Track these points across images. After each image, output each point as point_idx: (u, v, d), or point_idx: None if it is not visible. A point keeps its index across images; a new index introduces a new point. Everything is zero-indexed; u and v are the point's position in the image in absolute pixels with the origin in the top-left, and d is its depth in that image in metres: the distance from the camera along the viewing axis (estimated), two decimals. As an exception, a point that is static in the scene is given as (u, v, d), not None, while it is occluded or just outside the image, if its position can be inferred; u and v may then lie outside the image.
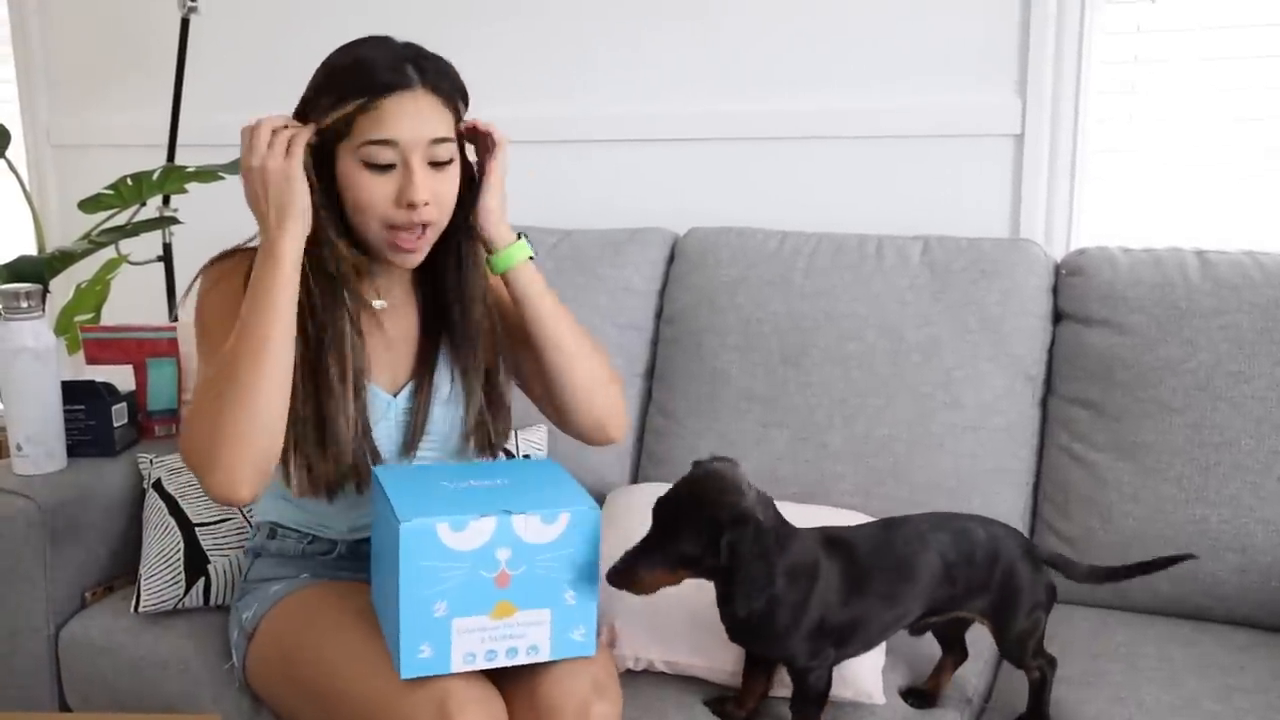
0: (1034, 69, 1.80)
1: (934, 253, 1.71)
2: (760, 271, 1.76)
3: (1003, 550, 1.22)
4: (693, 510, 1.11)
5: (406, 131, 1.15)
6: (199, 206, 2.24)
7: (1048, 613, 1.24)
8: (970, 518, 1.26)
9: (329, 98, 1.16)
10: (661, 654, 1.32)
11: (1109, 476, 1.55)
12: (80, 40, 2.58)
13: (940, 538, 1.21)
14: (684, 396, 1.76)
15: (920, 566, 1.20)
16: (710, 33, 2.01)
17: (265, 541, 1.37)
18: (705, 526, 1.09)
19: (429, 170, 1.17)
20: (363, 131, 1.15)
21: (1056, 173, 1.82)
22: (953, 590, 1.21)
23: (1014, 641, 1.23)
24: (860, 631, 1.19)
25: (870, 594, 1.18)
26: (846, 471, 1.64)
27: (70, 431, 1.67)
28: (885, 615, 1.19)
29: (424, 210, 1.17)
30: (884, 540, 1.21)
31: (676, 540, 1.10)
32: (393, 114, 1.15)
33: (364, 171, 1.16)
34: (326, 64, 1.20)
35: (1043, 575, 1.24)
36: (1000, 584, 1.21)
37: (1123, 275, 1.60)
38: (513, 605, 1.10)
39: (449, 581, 1.07)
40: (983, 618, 1.24)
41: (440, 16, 2.18)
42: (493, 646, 1.10)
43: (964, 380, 1.62)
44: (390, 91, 1.15)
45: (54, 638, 1.56)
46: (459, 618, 1.08)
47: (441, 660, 1.09)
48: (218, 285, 1.23)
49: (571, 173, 2.14)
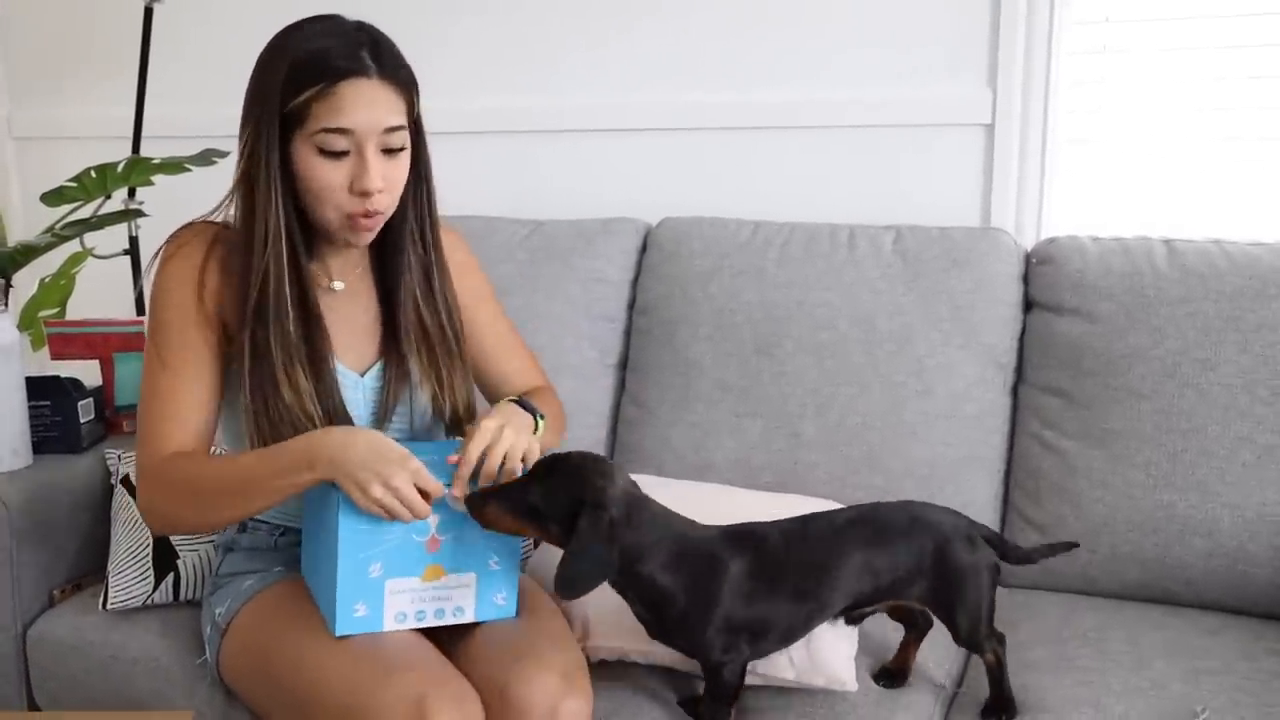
0: (1004, 59, 1.81)
1: (906, 242, 1.72)
2: (733, 261, 1.77)
3: (934, 536, 1.21)
4: (564, 475, 1.15)
5: (362, 120, 1.16)
6: (165, 199, 2.22)
7: (993, 591, 1.24)
8: (899, 506, 1.26)
9: (284, 84, 1.16)
10: (634, 643, 1.32)
11: (1079, 463, 1.57)
12: (42, 31, 2.55)
13: (858, 532, 1.21)
14: (657, 387, 1.77)
15: (834, 561, 1.20)
16: (682, 23, 2.01)
17: (236, 535, 1.37)
18: (563, 491, 1.13)
19: (382, 157, 1.19)
20: (318, 119, 1.16)
21: (1027, 162, 1.84)
22: (876, 582, 1.21)
23: (964, 624, 1.22)
24: (774, 627, 1.19)
25: (782, 590, 1.18)
26: (820, 460, 1.65)
27: (35, 428, 1.66)
28: (800, 610, 1.20)
29: (377, 198, 1.19)
30: (797, 535, 1.22)
31: (532, 492, 1.14)
32: (349, 101, 1.15)
33: (319, 158, 1.17)
34: (279, 47, 1.19)
35: (983, 555, 1.23)
36: (935, 569, 1.21)
37: (1092, 264, 1.62)
38: (442, 569, 1.19)
39: (384, 544, 1.15)
40: (924, 604, 1.24)
41: (410, 7, 2.17)
42: (422, 607, 1.19)
43: (936, 369, 1.64)
44: (346, 78, 1.15)
45: (21, 636, 1.55)
46: (392, 579, 1.17)
47: (375, 619, 1.17)
48: (174, 267, 1.23)
49: (544, 163, 2.13)
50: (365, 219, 1.21)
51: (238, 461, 1.22)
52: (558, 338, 1.81)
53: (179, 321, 1.22)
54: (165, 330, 1.23)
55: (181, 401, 1.22)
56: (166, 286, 1.23)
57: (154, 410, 1.22)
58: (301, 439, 1.16)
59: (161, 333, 1.23)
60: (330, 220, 1.21)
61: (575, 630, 1.32)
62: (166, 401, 1.22)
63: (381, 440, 1.14)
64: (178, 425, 1.21)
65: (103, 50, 2.46)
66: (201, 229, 1.26)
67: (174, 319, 1.22)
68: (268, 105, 1.17)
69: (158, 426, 1.22)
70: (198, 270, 1.22)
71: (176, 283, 1.23)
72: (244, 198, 1.21)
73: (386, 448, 1.13)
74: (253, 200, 1.20)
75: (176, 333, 1.22)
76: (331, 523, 1.15)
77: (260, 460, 1.18)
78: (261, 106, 1.18)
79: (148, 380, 1.23)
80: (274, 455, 1.17)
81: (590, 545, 1.12)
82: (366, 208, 1.19)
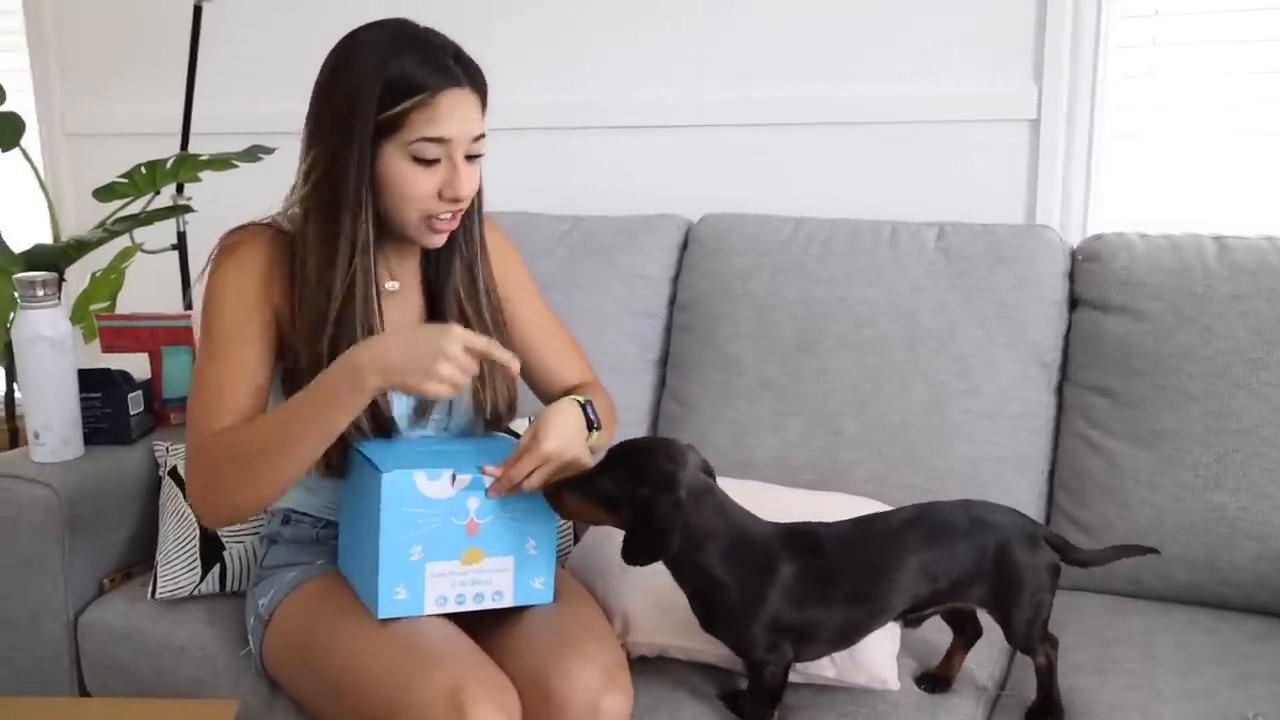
0: (1050, 54, 1.78)
1: (949, 239, 1.70)
2: (774, 258, 1.76)
3: (995, 536, 1.19)
4: (635, 461, 1.16)
5: (458, 129, 1.18)
6: (212, 194, 2.25)
7: (1052, 594, 1.22)
8: (958, 505, 1.23)
9: (379, 95, 1.16)
10: (674, 639, 1.32)
11: (1126, 464, 1.54)
12: (94, 29, 2.59)
13: (915, 534, 1.19)
14: (698, 383, 1.77)
15: (893, 565, 1.18)
16: (725, 18, 2.00)
17: (280, 528, 1.38)
18: (632, 475, 1.14)
19: (466, 163, 1.21)
20: (416, 128, 1.17)
21: (1073, 158, 1.81)
22: (935, 585, 1.19)
23: (1021, 626, 1.21)
24: (823, 631, 1.18)
25: (836, 594, 1.17)
26: (861, 459, 1.64)
27: (87, 419, 1.68)
28: (854, 615, 1.18)
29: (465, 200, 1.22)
30: (854, 538, 1.20)
31: (606, 480, 1.15)
32: (446, 112, 1.17)
33: (411, 165, 1.19)
34: (359, 57, 1.18)
35: (1043, 556, 1.21)
36: (995, 571, 1.19)
37: (1140, 261, 1.59)
38: (481, 552, 1.20)
39: (425, 528, 1.17)
40: (984, 606, 1.22)
41: (452, 2, 2.17)
42: (461, 591, 1.20)
43: (979, 367, 1.62)
44: (444, 89, 1.17)
45: (73, 624, 1.58)
46: (432, 562, 1.18)
47: (415, 602, 1.18)
48: (234, 266, 1.24)
49: (585, 159, 2.13)
50: (445, 221, 1.23)
51: (275, 413, 1.20)
52: (598, 334, 1.81)
53: (236, 317, 1.23)
54: (220, 323, 1.23)
55: (229, 390, 1.22)
56: (224, 284, 1.23)
57: (202, 399, 1.23)
58: (331, 369, 1.15)
59: (217, 326, 1.23)
60: (409, 222, 1.23)
61: (615, 626, 1.32)
62: (214, 391, 1.22)
63: (411, 326, 1.17)
64: (226, 411, 1.21)
65: (152, 49, 2.50)
66: (259, 231, 1.26)
67: (231, 314, 1.23)
68: (360, 115, 1.17)
69: (205, 412, 1.21)
70: (258, 273, 1.23)
71: (235, 280, 1.23)
72: (323, 206, 1.21)
73: (422, 329, 1.15)
74: (336, 210, 1.20)
75: (233, 326, 1.22)
76: (373, 506, 1.16)
77: (299, 403, 1.16)
78: (350, 116, 1.17)
79: (199, 373, 1.24)
80: (312, 393, 1.15)
81: (655, 521, 1.12)
82: (453, 209, 1.22)
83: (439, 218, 1.23)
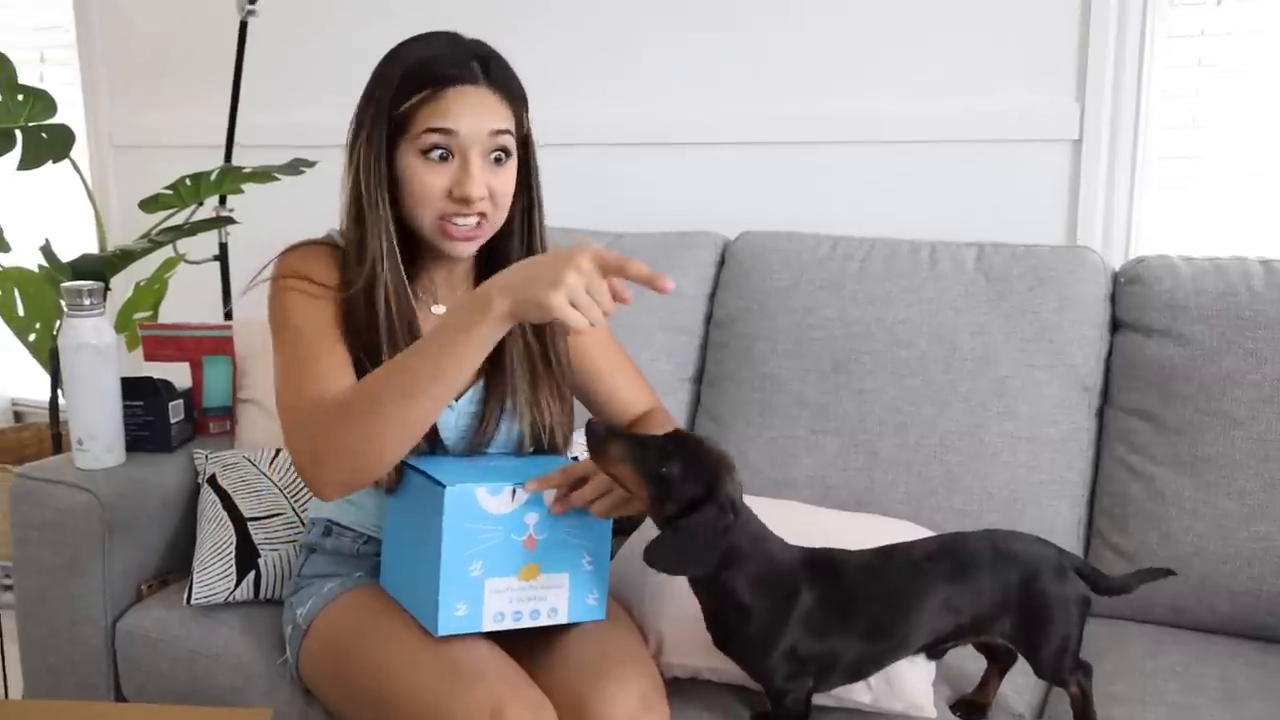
0: (1093, 73, 1.77)
1: (989, 259, 1.68)
2: (812, 277, 1.75)
3: (1020, 569, 1.16)
4: (699, 461, 1.11)
5: (467, 122, 1.16)
6: (254, 207, 2.28)
7: (1081, 626, 1.19)
8: (983, 536, 1.20)
9: (394, 91, 1.17)
10: (708, 661, 1.31)
11: (1168, 491, 1.51)
12: (141, 44, 2.64)
13: (939, 567, 1.16)
14: (733, 402, 1.75)
15: (914, 599, 1.15)
16: (762, 35, 2.00)
17: (320, 538, 1.38)
18: (695, 478, 1.10)
19: (487, 165, 1.18)
20: (423, 120, 1.16)
21: (1116, 179, 1.79)
22: (958, 620, 1.16)
23: (1048, 659, 1.17)
24: (841, 663, 1.15)
25: (855, 625, 1.14)
26: (898, 480, 1.62)
27: (129, 427, 1.70)
28: (873, 648, 1.15)
29: (479, 204, 1.18)
30: (876, 569, 1.17)
31: (667, 465, 1.10)
32: (454, 105, 1.15)
33: (422, 162, 1.17)
34: (392, 59, 1.20)
35: (1072, 588, 1.17)
36: (1021, 605, 1.16)
37: (1184, 284, 1.57)
38: (538, 568, 1.18)
39: (485, 543, 1.15)
40: (1009, 640, 1.19)
41: (488, 16, 2.19)
42: (519, 608, 1.19)
43: (1019, 390, 1.59)
44: (453, 84, 1.16)
45: (110, 629, 1.59)
46: (492, 578, 1.16)
47: (474, 619, 1.16)
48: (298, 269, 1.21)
49: (621, 176, 2.14)
50: (463, 228, 1.19)
51: (393, 361, 1.10)
52: (633, 350, 1.78)
53: (307, 309, 1.19)
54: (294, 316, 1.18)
55: (319, 368, 1.15)
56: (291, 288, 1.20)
57: (290, 385, 1.16)
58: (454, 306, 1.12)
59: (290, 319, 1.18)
60: (425, 224, 1.20)
61: (650, 646, 1.31)
62: (307, 371, 1.15)
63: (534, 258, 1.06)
64: (327, 381, 1.14)
65: (198, 63, 2.53)
66: (320, 247, 1.25)
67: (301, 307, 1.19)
68: (378, 112, 1.17)
69: (303, 385, 1.14)
70: (325, 280, 1.20)
71: (302, 289, 1.20)
72: (353, 212, 1.20)
73: (549, 254, 1.03)
74: (361, 213, 1.19)
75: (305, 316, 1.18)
76: (434, 521, 1.14)
77: (424, 343, 1.07)
78: (371, 114, 1.18)
79: (281, 366, 1.18)
80: (437, 332, 1.06)
81: (702, 536, 1.09)
82: (465, 212, 1.18)
83: (453, 221, 1.18)
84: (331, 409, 1.12)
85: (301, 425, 1.13)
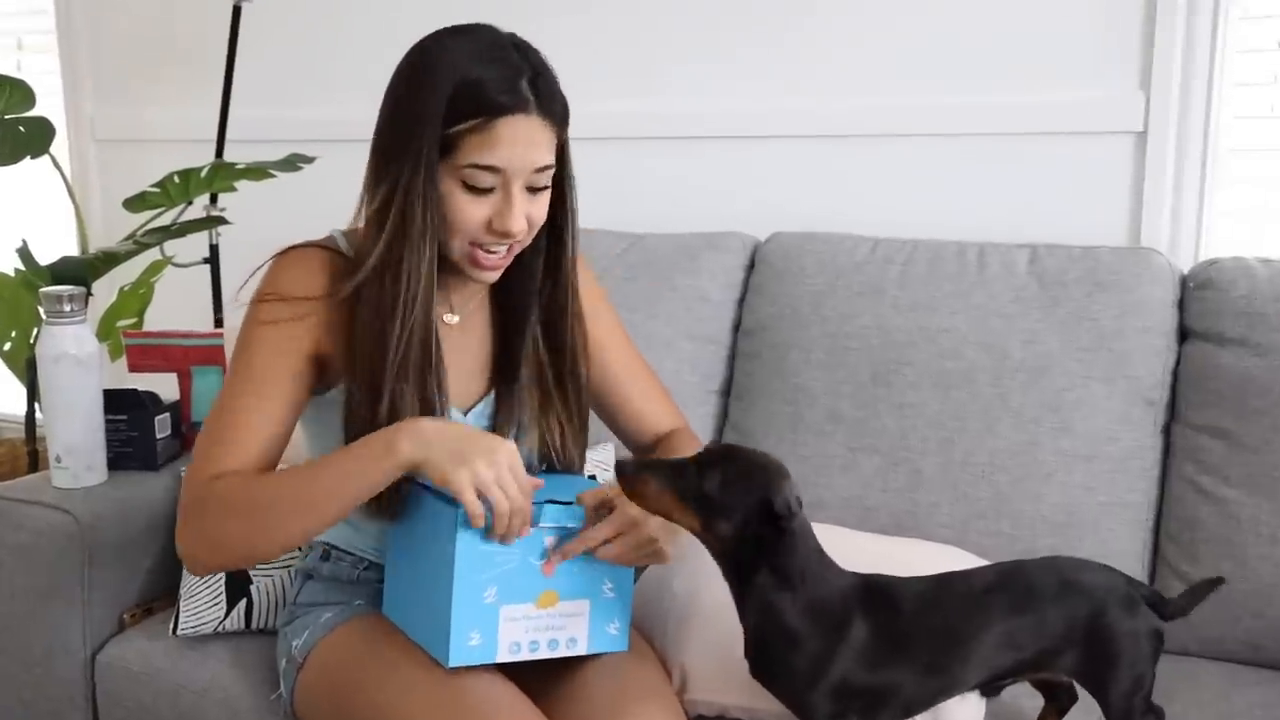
0: (1160, 58, 1.76)
1: (1043, 262, 1.68)
2: (849, 281, 1.75)
3: (1088, 602, 1.16)
4: (746, 471, 1.12)
5: (515, 159, 1.17)
6: (248, 206, 2.30)
7: (1154, 662, 1.18)
8: (1046, 565, 1.20)
9: (442, 107, 1.15)
10: (736, 699, 1.31)
11: (1243, 515, 1.50)
12: (127, 31, 2.66)
13: (1000, 598, 1.16)
14: (763, 416, 1.76)
15: (972, 633, 1.15)
16: (798, 21, 2.00)
17: (318, 563, 1.40)
18: (745, 492, 1.10)
19: (526, 195, 1.20)
20: (469, 153, 1.16)
21: (1184, 174, 1.78)
22: (1019, 655, 1.16)
23: (1119, 701, 1.17)
24: (893, 700, 1.15)
25: (909, 660, 1.14)
26: (942, 502, 1.62)
27: (111, 443, 1.72)
28: (929, 684, 1.15)
29: (516, 236, 1.20)
30: (932, 600, 1.17)
31: (708, 482, 1.10)
32: (504, 139, 1.16)
33: (462, 192, 1.18)
34: (431, 67, 1.18)
35: (1143, 621, 1.17)
36: (1088, 639, 1.15)
37: (1261, 289, 1.56)
38: (556, 595, 1.19)
39: (500, 567, 1.16)
40: (1075, 677, 1.19)
41: (506, 6, 2.21)
42: (535, 637, 1.19)
43: (1075, 404, 1.59)
44: (504, 114, 1.15)
45: (90, 661, 1.60)
46: (507, 605, 1.17)
47: (489, 648, 1.17)
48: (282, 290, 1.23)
49: (644, 172, 2.15)
50: (493, 256, 1.21)
51: (298, 469, 1.20)
52: (656, 360, 1.79)
53: (269, 347, 1.23)
54: (257, 357, 1.23)
55: (244, 427, 1.21)
56: (268, 313, 1.23)
57: (209, 438, 1.23)
58: (381, 431, 1.16)
59: (253, 359, 1.23)
60: (455, 249, 1.22)
61: (674, 681, 1.31)
62: (228, 428, 1.21)
63: (463, 427, 1.15)
64: (234, 451, 1.21)
65: (188, 51, 2.56)
66: (313, 253, 1.26)
67: (270, 350, 1.23)
68: (427, 134, 1.16)
69: (209, 452, 1.21)
70: (308, 301, 1.22)
71: (281, 311, 1.22)
72: (390, 230, 1.19)
73: (481, 431, 1.13)
74: (400, 234, 1.18)
75: (261, 357, 1.23)
76: (444, 544, 1.15)
77: (330, 461, 1.17)
78: (416, 133, 1.16)
79: (216, 405, 1.24)
80: (346, 452, 1.16)
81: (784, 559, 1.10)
82: (502, 244, 1.21)
83: (486, 250, 1.21)
84: (228, 497, 1.19)
85: (197, 503, 1.21)
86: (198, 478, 1.21)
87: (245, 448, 1.21)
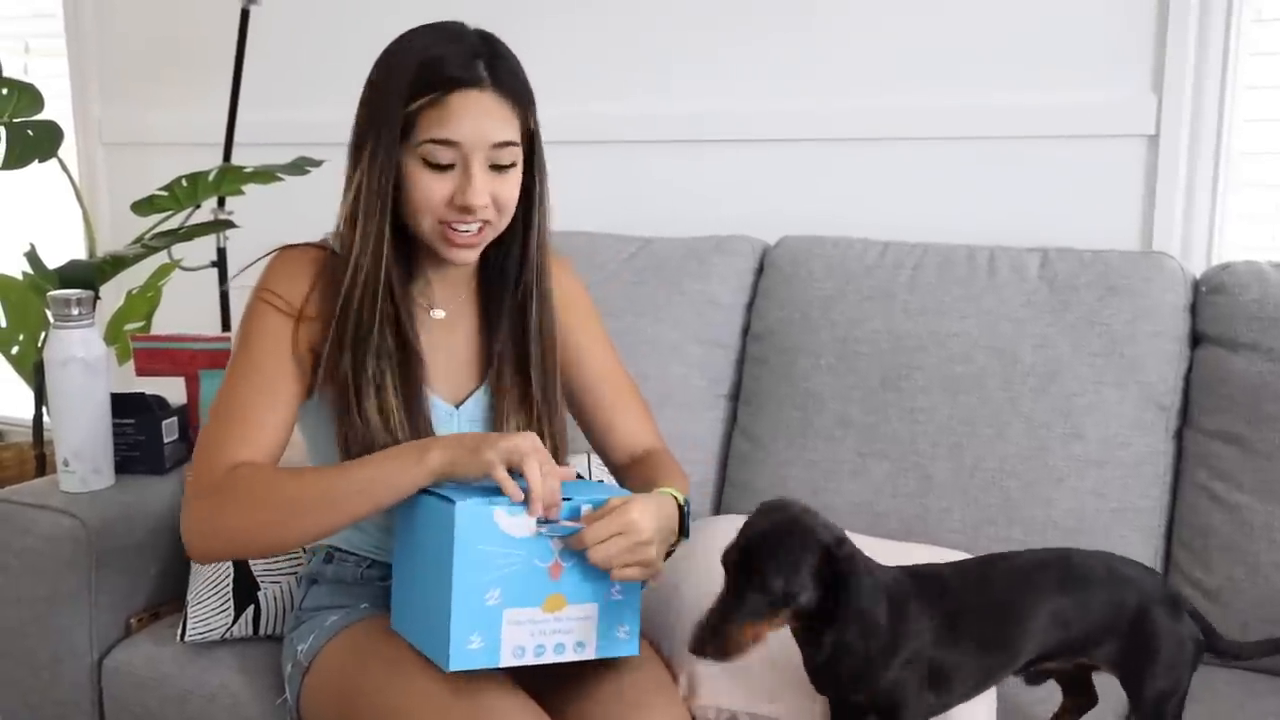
0: (1173, 62, 1.76)
1: (1054, 266, 1.68)
2: (858, 285, 1.75)
3: (1136, 594, 1.19)
4: (782, 542, 1.11)
5: (469, 132, 1.19)
6: (255, 210, 2.31)
7: (1192, 671, 1.20)
8: (1095, 555, 1.24)
9: (400, 92, 1.19)
10: (744, 704, 1.31)
11: (1256, 521, 1.50)
12: (135, 34, 2.68)
13: (1047, 577, 1.19)
14: (772, 421, 1.76)
15: (1022, 609, 1.17)
16: (806, 22, 2.01)
17: (322, 566, 1.40)
18: (801, 557, 1.09)
19: (489, 173, 1.22)
20: (426, 129, 1.19)
21: (1196, 178, 1.78)
22: (1067, 634, 1.18)
23: (1150, 701, 1.18)
24: (957, 678, 1.17)
25: (964, 638, 1.16)
26: (952, 507, 1.62)
27: (119, 447, 1.72)
28: (986, 661, 1.17)
29: (481, 212, 1.22)
30: (980, 578, 1.20)
31: (767, 579, 1.09)
32: (457, 113, 1.19)
33: (423, 170, 1.21)
34: (395, 53, 1.23)
35: (1187, 627, 1.20)
36: (1132, 631, 1.18)
37: (1273, 293, 1.56)
38: (564, 598, 1.17)
39: (504, 569, 1.13)
40: (1111, 667, 1.21)
41: (508, 7, 2.21)
42: (541, 641, 1.17)
43: (1086, 409, 1.59)
44: (457, 88, 1.19)
45: (96, 666, 1.61)
46: (510, 608, 1.14)
47: (491, 653, 1.14)
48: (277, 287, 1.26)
49: (652, 175, 2.15)
50: (464, 234, 1.23)
51: (325, 469, 1.23)
52: (664, 365, 1.81)
53: (270, 343, 1.25)
54: (252, 344, 1.26)
55: (253, 421, 1.23)
56: (264, 307, 1.26)
57: (220, 428, 1.24)
58: (413, 442, 1.20)
59: (248, 345, 1.26)
60: (425, 230, 1.24)
61: (680, 686, 1.31)
62: (237, 420, 1.24)
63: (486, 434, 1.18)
64: (248, 441, 1.22)
65: (196, 54, 2.57)
66: (308, 251, 1.29)
67: (265, 336, 1.25)
68: (387, 114, 1.20)
69: (223, 442, 1.22)
70: (301, 298, 1.26)
71: (275, 306, 1.25)
72: (353, 214, 1.23)
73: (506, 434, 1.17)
74: (357, 215, 1.23)
75: (263, 354, 1.25)
76: (443, 544, 1.13)
77: (360, 464, 1.19)
78: (378, 115, 1.21)
79: (221, 396, 1.26)
80: (378, 457, 1.19)
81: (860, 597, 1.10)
82: (467, 220, 1.22)
83: (455, 228, 1.23)
84: (253, 489, 1.20)
85: (214, 492, 1.21)
86: (213, 466, 1.22)
87: (258, 438, 1.23)
